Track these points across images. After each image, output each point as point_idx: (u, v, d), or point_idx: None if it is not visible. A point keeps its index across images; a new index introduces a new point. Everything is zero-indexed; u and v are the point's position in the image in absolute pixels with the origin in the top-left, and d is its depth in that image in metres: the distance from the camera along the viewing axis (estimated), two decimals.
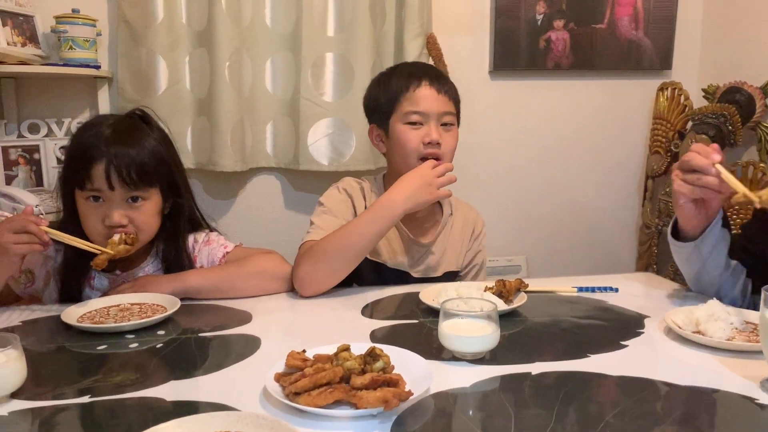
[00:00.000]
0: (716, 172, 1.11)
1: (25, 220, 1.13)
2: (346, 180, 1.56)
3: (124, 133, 1.26)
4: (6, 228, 1.14)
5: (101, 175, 1.22)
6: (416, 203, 1.32)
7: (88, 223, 1.26)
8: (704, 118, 2.37)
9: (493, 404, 0.83)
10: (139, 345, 1.04)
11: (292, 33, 2.28)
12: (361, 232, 1.31)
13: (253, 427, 0.71)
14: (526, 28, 2.51)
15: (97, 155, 1.22)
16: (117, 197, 1.24)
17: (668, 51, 2.63)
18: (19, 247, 1.14)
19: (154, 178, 1.28)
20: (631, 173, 2.74)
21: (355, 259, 1.33)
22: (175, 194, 1.35)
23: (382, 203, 1.32)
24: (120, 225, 1.24)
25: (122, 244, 1.22)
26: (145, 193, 1.27)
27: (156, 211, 1.31)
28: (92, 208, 1.25)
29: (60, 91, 2.23)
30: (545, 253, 2.72)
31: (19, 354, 0.84)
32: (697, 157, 1.13)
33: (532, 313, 1.20)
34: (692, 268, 1.28)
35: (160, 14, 2.15)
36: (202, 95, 2.23)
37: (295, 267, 1.34)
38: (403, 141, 1.45)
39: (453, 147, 1.48)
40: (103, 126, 1.26)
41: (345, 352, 0.86)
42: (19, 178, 2.10)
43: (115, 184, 1.22)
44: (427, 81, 1.45)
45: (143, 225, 1.28)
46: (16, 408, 0.82)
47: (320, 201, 1.51)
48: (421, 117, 1.44)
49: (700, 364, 0.96)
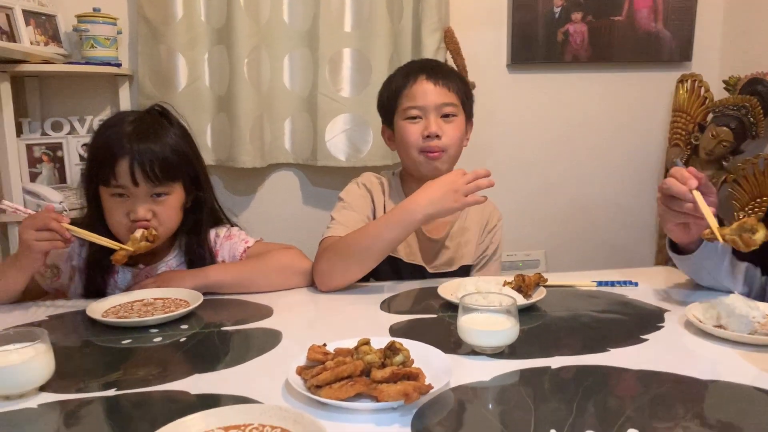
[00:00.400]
0: (692, 198, 1.12)
1: (47, 218, 1.16)
2: (365, 175, 1.57)
3: (147, 130, 1.28)
4: (28, 225, 1.16)
5: (126, 172, 1.24)
6: (440, 209, 1.28)
7: (113, 218, 1.28)
8: (725, 110, 2.35)
9: (512, 398, 0.83)
10: (162, 339, 1.06)
11: (309, 29, 2.29)
12: (379, 234, 1.31)
13: (277, 419, 0.72)
14: (543, 21, 2.49)
15: (120, 152, 1.24)
16: (141, 193, 1.26)
17: (688, 42, 2.60)
18: (41, 244, 1.16)
19: (177, 173, 1.30)
20: (650, 166, 2.72)
21: (372, 260, 1.32)
22: (197, 188, 1.37)
23: (404, 207, 1.31)
24: (144, 219, 1.26)
25: (143, 241, 1.23)
26: (169, 188, 1.29)
27: (179, 205, 1.33)
28: (117, 204, 1.27)
29: (82, 89, 2.26)
30: (564, 247, 2.71)
31: (47, 348, 0.86)
32: (675, 184, 1.14)
33: (552, 307, 1.20)
34: (700, 275, 1.29)
35: (180, 12, 2.17)
36: (221, 92, 2.25)
37: (315, 262, 1.35)
38: (404, 136, 1.47)
39: (456, 137, 1.48)
40: (124, 123, 1.28)
41: (365, 345, 0.87)
42: (43, 175, 2.14)
43: (139, 180, 1.24)
44: (423, 75, 1.47)
45: (166, 219, 1.30)
46: (44, 401, 0.84)
47: (340, 196, 1.52)
48: (420, 111, 1.46)
49: (721, 359, 0.95)
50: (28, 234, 1.15)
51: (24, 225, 1.17)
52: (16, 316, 1.20)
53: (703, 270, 1.26)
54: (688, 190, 1.13)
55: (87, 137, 2.19)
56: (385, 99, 1.55)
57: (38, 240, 1.15)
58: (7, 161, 1.95)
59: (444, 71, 1.51)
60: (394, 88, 1.51)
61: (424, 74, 1.47)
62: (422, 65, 1.52)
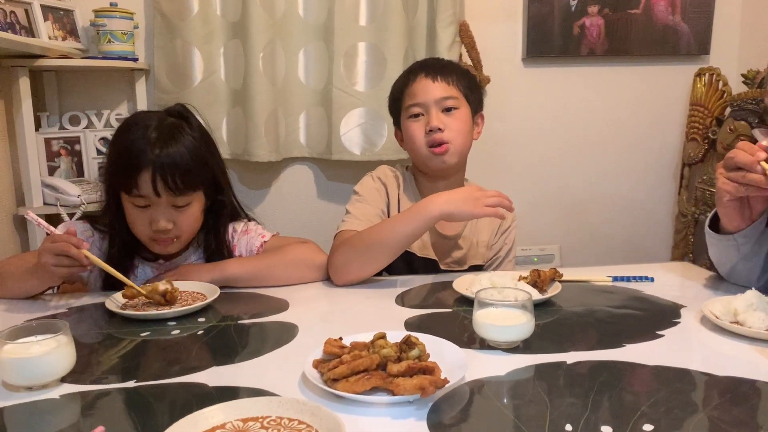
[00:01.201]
0: (761, 170, 1.07)
1: (65, 245, 1.15)
2: (381, 168, 1.58)
3: (168, 139, 1.26)
4: (48, 249, 1.16)
5: (148, 184, 1.24)
6: (457, 209, 1.28)
7: (135, 226, 1.30)
8: (743, 104, 2.32)
9: (528, 393, 0.84)
10: (180, 332, 1.07)
11: (324, 23, 2.29)
12: (395, 228, 1.32)
13: (294, 412, 0.73)
14: (559, 15, 2.48)
15: (143, 163, 1.24)
16: (163, 202, 1.27)
17: (706, 36, 2.57)
18: (59, 270, 1.17)
19: (198, 182, 1.30)
20: (667, 161, 2.70)
21: (388, 256, 1.33)
22: (217, 191, 1.38)
23: (422, 203, 1.32)
24: (166, 229, 1.27)
25: (162, 296, 1.17)
26: (190, 198, 1.30)
27: (200, 211, 1.34)
28: (139, 212, 1.29)
29: (99, 83, 2.28)
30: (579, 242, 2.70)
31: (69, 340, 0.88)
32: (742, 154, 1.10)
33: (567, 302, 1.20)
34: (728, 261, 1.26)
35: (195, 7, 2.18)
36: (236, 86, 2.26)
37: (330, 256, 1.36)
38: (409, 134, 1.50)
39: (460, 130, 1.49)
40: (147, 129, 1.27)
41: (381, 339, 0.88)
42: (61, 169, 2.16)
43: (161, 192, 1.25)
44: (422, 73, 1.50)
45: (188, 228, 1.32)
46: (66, 391, 0.85)
47: (355, 189, 1.53)
48: (421, 108, 1.48)
49: (738, 355, 0.95)
50: (47, 258, 1.16)
51: (44, 247, 1.17)
52: (36, 307, 1.22)
53: (735, 255, 1.22)
54: (757, 161, 1.07)
55: (104, 131, 2.21)
56: (391, 101, 1.59)
57: (56, 265, 1.16)
58: (27, 155, 1.98)
59: (443, 66, 1.53)
60: (396, 89, 1.56)
61: (423, 72, 1.51)
62: (422, 64, 1.56)
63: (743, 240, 1.19)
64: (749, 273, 1.23)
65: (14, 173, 2.05)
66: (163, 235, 1.29)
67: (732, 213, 1.17)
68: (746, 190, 1.11)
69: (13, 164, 2.05)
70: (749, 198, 1.15)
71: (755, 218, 1.17)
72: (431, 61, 1.60)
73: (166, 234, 1.29)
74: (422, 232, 1.34)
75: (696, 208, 2.49)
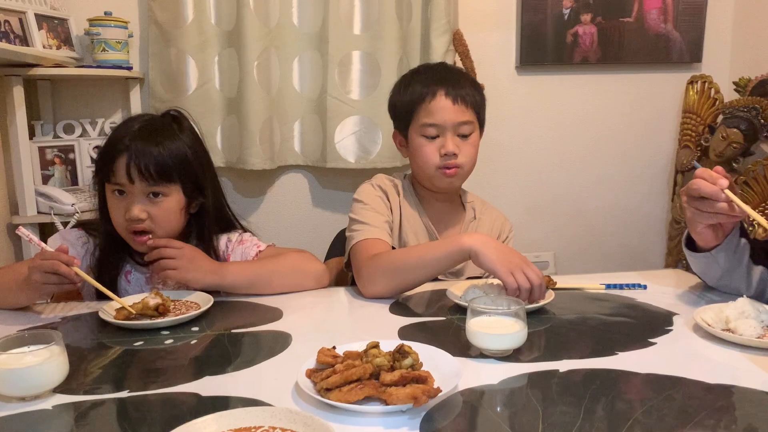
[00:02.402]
0: (725, 198, 1.09)
1: (55, 263, 1.14)
2: (378, 177, 1.57)
3: (150, 131, 1.30)
4: (38, 266, 1.15)
5: (123, 169, 1.26)
6: (486, 254, 1.21)
7: (114, 215, 1.31)
8: (735, 111, 2.34)
9: (521, 401, 0.84)
10: (174, 341, 1.07)
11: (319, 32, 2.30)
12: (426, 253, 1.29)
13: (287, 422, 0.73)
14: (552, 23, 2.49)
15: (120, 149, 1.27)
16: (137, 191, 1.28)
17: (698, 44, 2.59)
18: (47, 287, 1.18)
19: (174, 175, 1.30)
20: (660, 168, 2.72)
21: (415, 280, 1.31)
22: (200, 194, 1.38)
23: (457, 235, 1.31)
24: (138, 218, 1.27)
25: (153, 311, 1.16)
26: (165, 189, 1.30)
27: (177, 208, 1.33)
28: (117, 201, 1.30)
29: (93, 92, 2.29)
30: (573, 249, 2.71)
31: (62, 350, 0.87)
32: (704, 184, 1.11)
33: (560, 310, 1.20)
34: (713, 275, 1.27)
35: (190, 15, 2.19)
36: (231, 94, 2.27)
37: (357, 268, 1.34)
38: (421, 153, 1.46)
39: (472, 155, 1.48)
40: (134, 123, 1.32)
41: (374, 349, 0.88)
42: (55, 177, 2.16)
43: (134, 178, 1.26)
44: (442, 91, 1.44)
45: (162, 221, 1.31)
46: (58, 402, 0.85)
47: (356, 198, 1.51)
48: (437, 129, 1.44)
49: (730, 362, 0.95)
50: (36, 275, 1.15)
51: (34, 265, 1.16)
52: (29, 317, 1.22)
53: (717, 269, 1.24)
54: (720, 190, 1.09)
55: (99, 140, 2.21)
56: (400, 106, 1.51)
57: (45, 283, 1.16)
58: (20, 163, 1.97)
59: (462, 85, 1.47)
60: (411, 99, 1.47)
61: (443, 90, 1.44)
62: (442, 79, 1.47)
63: (721, 255, 1.21)
64: (737, 283, 1.24)
65: (8, 181, 2.05)
66: (137, 225, 1.28)
67: (707, 236, 1.19)
68: (717, 218, 1.13)
69: (6, 172, 2.04)
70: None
71: (728, 233, 1.19)
72: (449, 76, 1.49)
73: (140, 224, 1.28)
74: (454, 262, 1.30)
75: None
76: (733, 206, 1.09)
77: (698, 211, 1.14)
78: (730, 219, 1.12)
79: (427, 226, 1.52)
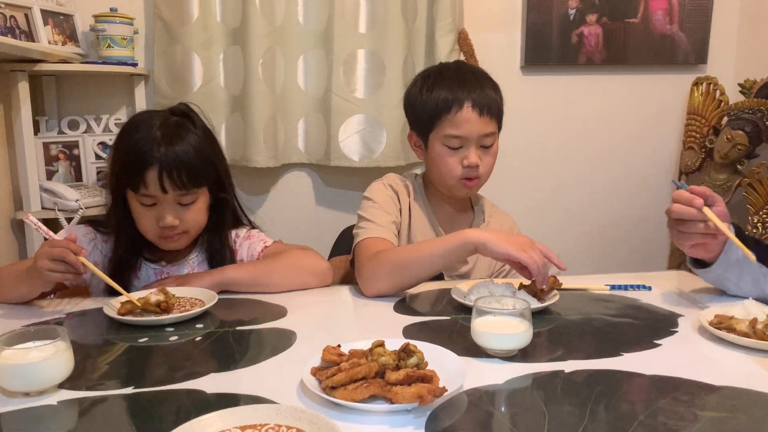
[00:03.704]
0: (704, 217, 1.12)
1: (64, 251, 1.15)
2: (390, 176, 1.56)
3: (173, 136, 1.29)
4: (45, 254, 1.15)
5: (155, 181, 1.26)
6: (494, 242, 1.22)
7: (142, 224, 1.32)
8: (740, 113, 2.33)
9: (526, 401, 0.84)
10: (178, 338, 1.07)
11: (324, 30, 2.30)
12: (428, 249, 1.29)
13: (292, 419, 0.73)
14: (558, 23, 2.49)
15: (149, 162, 1.25)
16: (169, 199, 1.29)
17: (703, 45, 2.59)
18: (53, 275, 1.17)
19: (203, 178, 1.32)
20: (664, 169, 2.71)
21: (418, 276, 1.31)
22: (220, 189, 1.39)
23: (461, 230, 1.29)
24: (173, 226, 1.29)
25: (156, 306, 1.16)
26: (196, 194, 1.32)
27: (205, 207, 1.36)
28: (145, 211, 1.30)
29: (98, 88, 2.29)
30: (576, 249, 2.70)
31: (67, 346, 0.87)
32: (683, 209, 1.14)
33: (565, 311, 1.20)
34: (726, 285, 1.27)
35: (196, 13, 2.19)
36: (236, 92, 2.27)
37: (359, 267, 1.34)
38: (443, 164, 1.45)
39: (491, 165, 1.48)
40: (152, 128, 1.28)
41: (379, 347, 0.88)
42: (59, 173, 2.16)
43: (168, 188, 1.27)
44: (469, 102, 1.41)
45: (194, 223, 1.33)
46: (63, 398, 0.85)
47: (366, 196, 1.50)
48: (461, 141, 1.43)
49: (735, 364, 0.95)
50: (43, 262, 1.15)
51: (41, 251, 1.16)
52: (35, 312, 1.22)
53: (727, 280, 1.25)
54: (697, 211, 1.12)
55: (103, 136, 2.22)
56: (421, 111, 1.46)
57: (51, 270, 1.16)
58: (25, 159, 1.98)
59: (487, 93, 1.45)
60: (435, 106, 1.43)
61: (469, 100, 1.41)
62: (468, 86, 1.43)
63: (724, 267, 1.21)
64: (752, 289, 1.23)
65: (12, 177, 2.05)
66: (170, 231, 1.30)
67: (698, 252, 1.21)
68: (701, 237, 1.16)
69: (11, 168, 2.04)
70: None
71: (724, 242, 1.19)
72: (474, 82, 1.45)
73: (173, 230, 1.30)
74: (456, 257, 1.31)
75: None
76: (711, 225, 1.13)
77: (681, 233, 1.17)
78: (713, 236, 1.15)
79: (435, 228, 1.52)
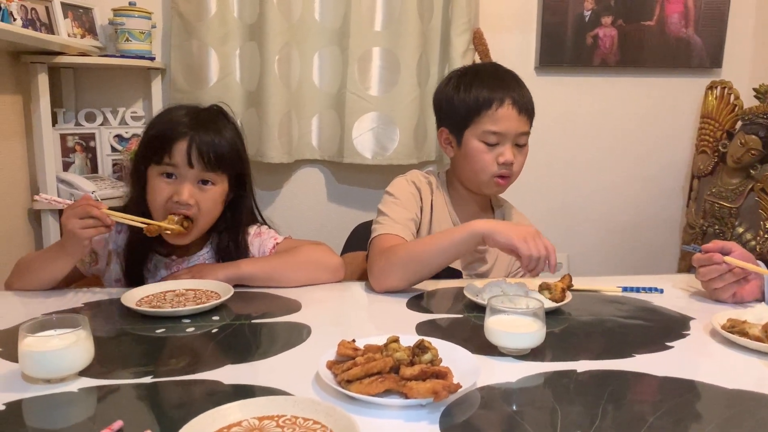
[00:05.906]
0: (730, 266, 1.23)
1: (87, 206, 1.19)
2: (413, 173, 1.56)
3: (208, 120, 1.33)
4: (71, 215, 1.20)
5: (183, 152, 1.28)
6: (500, 231, 1.24)
7: (156, 198, 1.31)
8: (755, 118, 2.33)
9: (538, 400, 0.85)
10: (195, 329, 1.09)
11: (340, 28, 2.31)
12: (436, 242, 1.31)
13: (309, 411, 0.74)
14: (573, 24, 2.49)
15: (181, 133, 1.29)
16: (191, 176, 1.30)
17: (719, 49, 2.58)
18: (87, 231, 1.20)
19: (227, 165, 1.34)
20: (676, 172, 2.71)
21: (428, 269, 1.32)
22: (240, 187, 1.40)
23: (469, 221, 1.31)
24: (187, 204, 1.29)
25: (179, 225, 1.27)
26: (216, 178, 1.33)
27: (221, 198, 1.36)
28: (164, 184, 1.31)
29: (115, 81, 2.31)
30: (587, 250, 2.71)
31: (88, 334, 0.89)
32: (710, 270, 1.25)
33: (577, 311, 1.21)
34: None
35: (213, 8, 2.20)
36: (251, 88, 2.28)
37: (370, 261, 1.35)
38: (478, 160, 1.45)
39: (522, 165, 1.49)
40: (186, 110, 1.34)
41: (394, 343, 0.89)
42: (75, 164, 2.18)
43: (194, 162, 1.28)
44: (510, 100, 1.42)
45: (207, 209, 1.33)
46: (84, 385, 0.87)
47: (388, 191, 1.50)
48: (499, 138, 1.43)
49: (747, 368, 0.96)
50: (72, 223, 1.19)
51: (66, 215, 1.20)
52: (52, 302, 1.24)
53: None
54: (722, 264, 1.23)
55: (120, 128, 2.24)
56: (458, 107, 1.45)
57: (83, 228, 1.19)
58: (42, 150, 2.00)
59: (524, 93, 1.46)
60: (475, 102, 1.43)
61: (509, 98, 1.42)
62: (508, 86, 1.44)
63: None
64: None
65: (30, 168, 2.07)
66: (181, 208, 1.29)
67: (744, 296, 1.28)
68: (738, 284, 1.26)
69: (29, 159, 2.07)
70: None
71: (760, 284, 1.28)
72: (513, 83, 1.46)
73: (186, 209, 1.30)
74: (465, 248, 1.32)
75: (704, 220, 2.49)
76: (737, 270, 1.23)
77: (717, 290, 1.26)
78: (744, 281, 1.25)
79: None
